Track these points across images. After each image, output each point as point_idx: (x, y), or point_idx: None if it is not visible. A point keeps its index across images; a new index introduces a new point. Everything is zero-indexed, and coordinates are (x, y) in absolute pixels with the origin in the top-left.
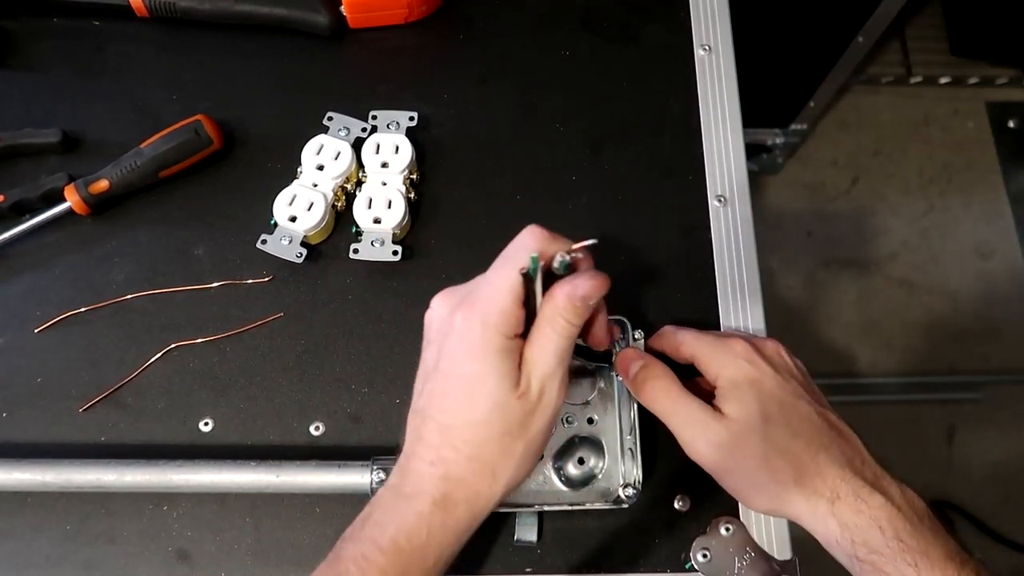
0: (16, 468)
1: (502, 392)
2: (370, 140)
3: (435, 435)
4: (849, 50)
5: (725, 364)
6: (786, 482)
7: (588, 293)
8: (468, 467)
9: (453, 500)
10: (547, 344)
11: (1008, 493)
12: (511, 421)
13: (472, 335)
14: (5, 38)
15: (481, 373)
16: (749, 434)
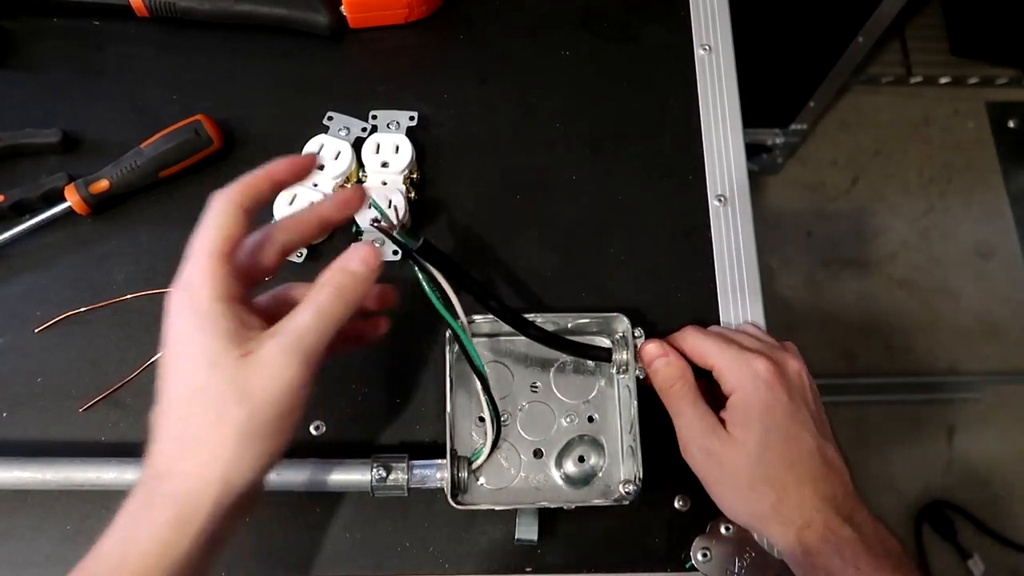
0: (16, 467)
1: (214, 350)
2: (370, 140)
3: (155, 428)
4: (849, 50)
5: (743, 383)
6: (765, 507)
7: (365, 261)
8: (175, 450)
9: (154, 500)
10: (302, 311)
11: (1008, 493)
12: (227, 385)
13: (180, 303)
14: (5, 38)
15: (187, 337)
16: (745, 457)
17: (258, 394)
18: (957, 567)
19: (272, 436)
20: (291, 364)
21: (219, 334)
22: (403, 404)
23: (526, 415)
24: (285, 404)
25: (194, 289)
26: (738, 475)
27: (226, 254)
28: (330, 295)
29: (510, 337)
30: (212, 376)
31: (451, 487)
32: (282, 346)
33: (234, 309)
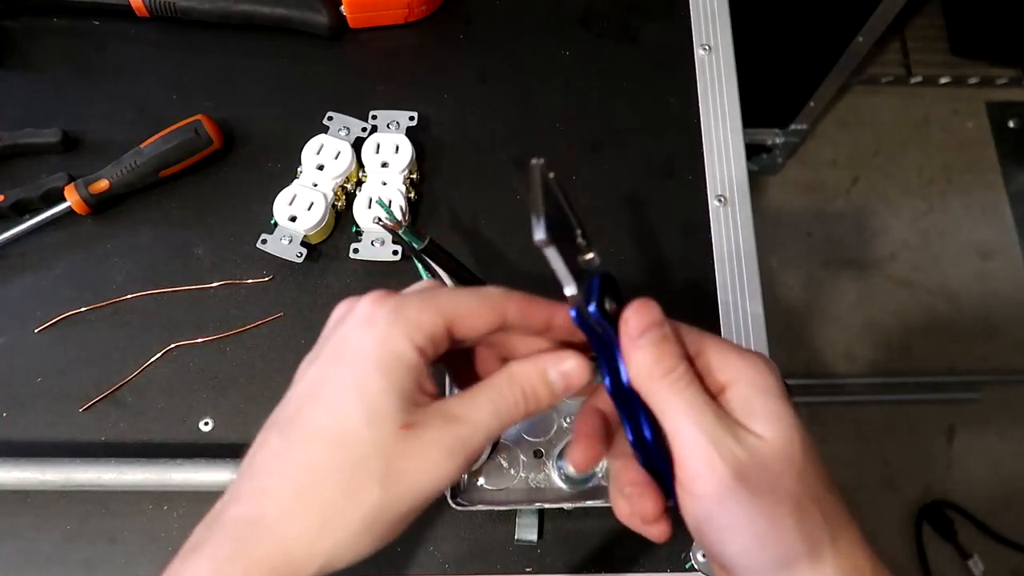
0: (16, 467)
1: (385, 406)
2: (370, 140)
3: (269, 456)
4: (849, 50)
5: (746, 369)
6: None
7: (567, 379)
8: (289, 505)
9: (249, 556)
10: (483, 402)
11: (1008, 493)
12: (376, 454)
13: (373, 324)
14: (5, 38)
15: (368, 368)
16: (788, 464)
17: (403, 483)
18: (957, 567)
19: (393, 531)
20: (451, 461)
21: (395, 390)
22: None
23: None
24: (422, 502)
25: (403, 321)
26: (782, 492)
27: (454, 324)
28: (519, 396)
29: None
30: (364, 435)
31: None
32: (449, 439)
33: (423, 369)
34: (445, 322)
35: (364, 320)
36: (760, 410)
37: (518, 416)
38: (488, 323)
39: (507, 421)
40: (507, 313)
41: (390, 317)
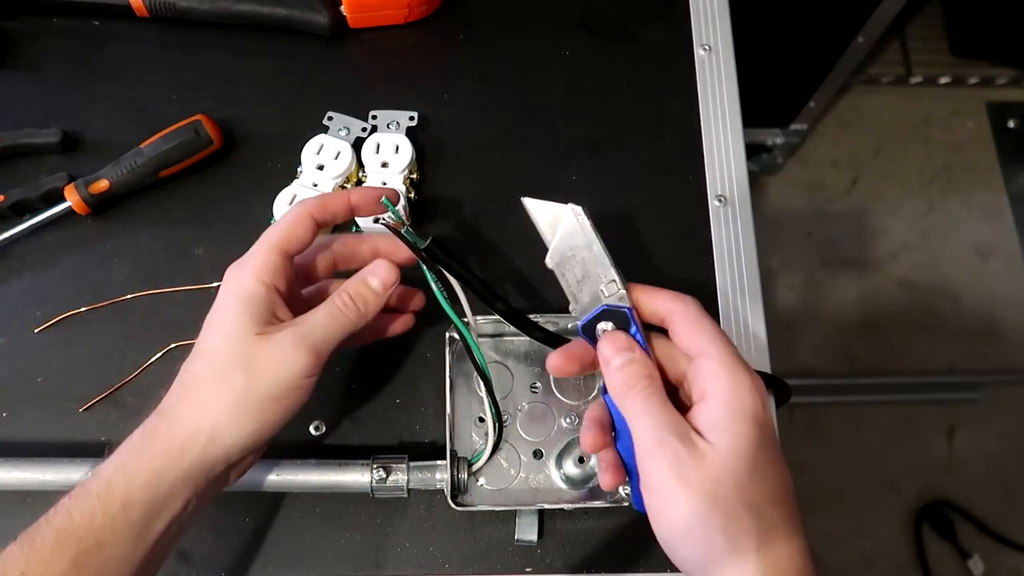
0: (16, 468)
1: (240, 324)
2: (370, 140)
3: (177, 375)
4: (849, 50)
5: (733, 387)
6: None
7: (382, 280)
8: (180, 395)
9: (153, 432)
10: (320, 310)
11: (1008, 493)
12: (238, 354)
13: (229, 279)
14: (5, 38)
15: (224, 307)
16: (727, 471)
17: (261, 369)
18: (957, 567)
19: (262, 412)
20: (297, 351)
21: (249, 312)
22: (403, 405)
23: (526, 416)
24: (282, 385)
25: (245, 269)
26: (712, 494)
27: (284, 250)
28: (346, 302)
29: (511, 337)
30: (229, 345)
31: (451, 488)
32: (294, 334)
33: (271, 297)
34: (276, 250)
35: (225, 279)
36: (721, 424)
37: (352, 316)
38: (305, 229)
39: (342, 320)
40: (312, 213)
41: (238, 270)
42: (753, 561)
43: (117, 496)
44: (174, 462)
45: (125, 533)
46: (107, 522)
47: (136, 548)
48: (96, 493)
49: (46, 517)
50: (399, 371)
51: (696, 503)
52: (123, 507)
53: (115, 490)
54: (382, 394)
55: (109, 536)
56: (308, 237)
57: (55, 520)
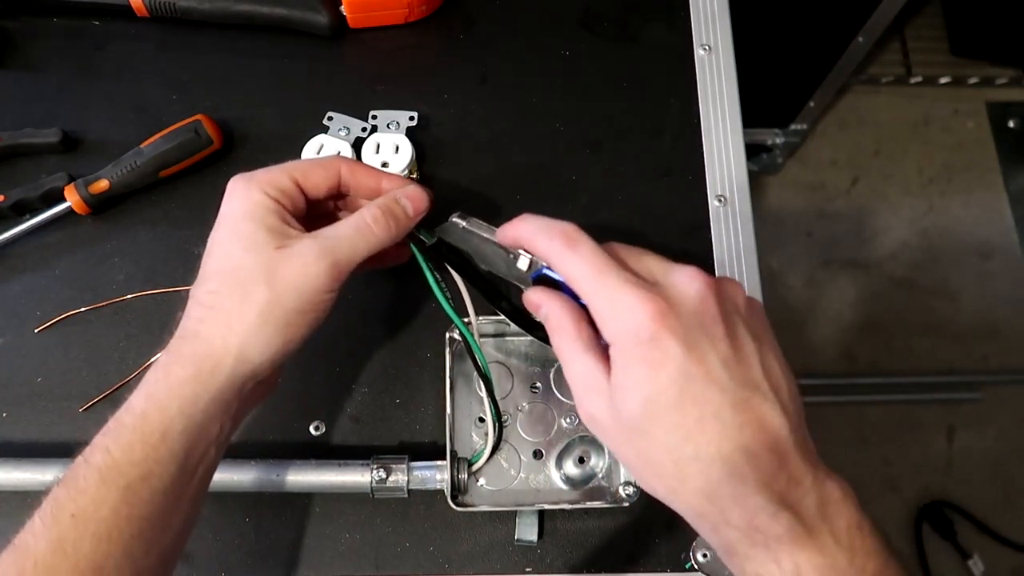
0: (16, 468)
1: (255, 236)
2: (370, 140)
3: (189, 298)
4: (849, 50)
5: (618, 333)
6: (664, 493)
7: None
8: (202, 317)
9: (179, 357)
10: (344, 224)
11: (1008, 493)
12: (259, 266)
13: (235, 191)
14: (5, 38)
15: (238, 220)
16: (626, 430)
17: (283, 283)
18: (957, 567)
19: (288, 326)
20: (319, 264)
21: (263, 225)
22: (403, 405)
23: (526, 416)
24: (305, 299)
25: (255, 182)
26: (625, 448)
27: (299, 180)
28: (375, 217)
29: (512, 337)
30: (247, 258)
31: (451, 489)
32: (316, 247)
33: (283, 211)
34: (291, 178)
35: (230, 192)
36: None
37: (379, 232)
38: (326, 178)
39: (368, 236)
40: (340, 172)
41: (245, 182)
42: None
43: (154, 427)
44: (205, 385)
45: (168, 462)
46: (149, 452)
47: (181, 476)
48: (132, 426)
49: (83, 457)
50: (399, 371)
51: (615, 448)
52: (162, 437)
53: (151, 421)
54: (382, 394)
55: (153, 467)
56: (324, 187)
57: (94, 458)
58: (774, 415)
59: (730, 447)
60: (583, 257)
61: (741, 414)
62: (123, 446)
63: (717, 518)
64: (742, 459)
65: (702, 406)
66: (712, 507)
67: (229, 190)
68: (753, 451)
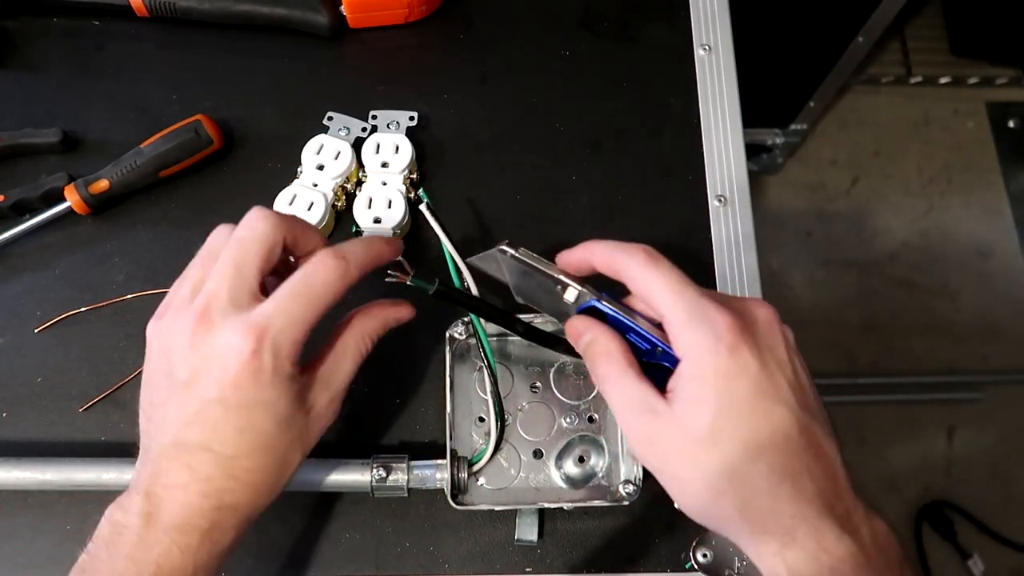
0: (16, 468)
1: (289, 412)
2: (370, 140)
3: (213, 468)
4: (849, 50)
5: (695, 344)
6: (729, 512)
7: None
8: (246, 493)
9: (223, 528)
10: (345, 363)
11: (1008, 493)
12: (295, 436)
13: (259, 363)
14: (5, 38)
15: (269, 401)
16: (691, 444)
17: (312, 437)
18: (957, 567)
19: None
20: (337, 407)
21: (292, 398)
22: (403, 404)
23: (526, 415)
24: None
25: (281, 352)
26: (686, 468)
27: (314, 322)
28: (368, 345)
29: (512, 337)
30: (284, 435)
31: (451, 488)
32: (330, 398)
33: (297, 367)
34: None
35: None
36: (686, 390)
37: (363, 350)
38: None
39: (356, 368)
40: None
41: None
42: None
43: None
44: (233, 548)
45: None
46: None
47: None
48: None
49: None
50: (399, 371)
51: (670, 470)
52: None
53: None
54: (382, 394)
55: None
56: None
57: None
58: (831, 445)
59: (799, 467)
60: (665, 272)
61: (804, 437)
62: None
63: (785, 538)
64: (808, 480)
65: (774, 423)
66: (778, 526)
67: (238, 352)
68: (816, 475)
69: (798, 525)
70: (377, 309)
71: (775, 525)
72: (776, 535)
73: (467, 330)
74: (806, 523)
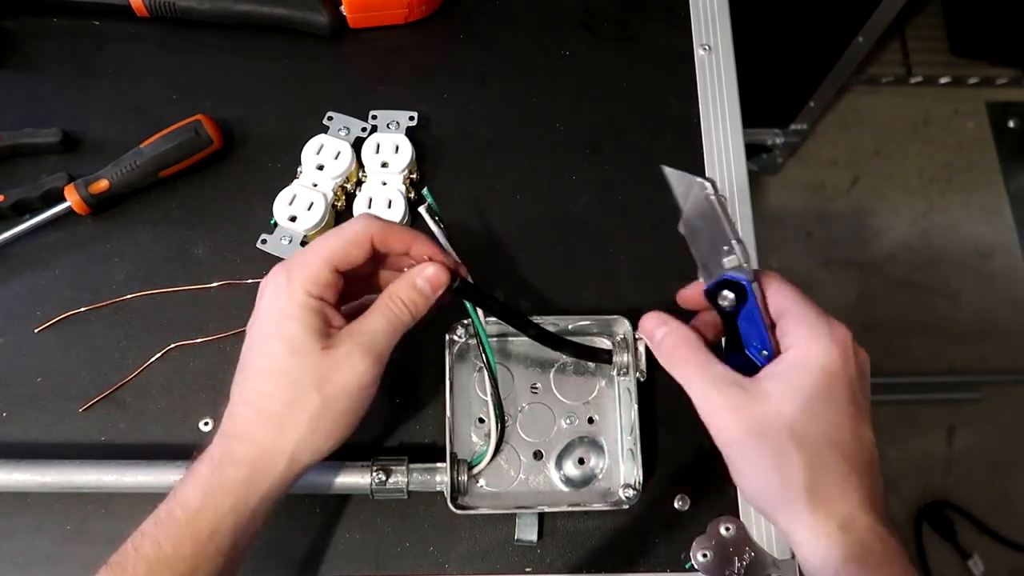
0: (16, 468)
1: (302, 340)
2: (370, 140)
3: (234, 394)
4: (849, 50)
5: (811, 341)
6: (795, 482)
7: (431, 283)
8: (253, 419)
9: (232, 458)
10: (375, 316)
11: (1008, 493)
12: (308, 370)
13: (278, 288)
14: (5, 38)
15: (282, 319)
16: (776, 414)
17: (333, 387)
18: (957, 567)
19: (339, 426)
20: (365, 361)
21: (307, 326)
22: (403, 406)
23: (526, 416)
24: (355, 397)
25: (295, 280)
26: (766, 432)
27: (337, 265)
28: (400, 306)
29: (512, 338)
30: (295, 361)
31: (451, 491)
32: (359, 345)
33: (323, 308)
34: (330, 268)
35: (271, 287)
36: (781, 374)
37: (407, 318)
38: (360, 252)
39: (399, 324)
40: (373, 240)
41: (286, 279)
42: (801, 497)
43: (206, 523)
44: (257, 487)
45: (215, 557)
46: (198, 549)
47: (226, 568)
48: (184, 521)
49: (133, 545)
50: (399, 371)
51: (750, 442)
52: (212, 533)
53: (203, 517)
54: (382, 395)
55: (201, 562)
56: (361, 260)
57: (144, 549)
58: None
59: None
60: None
61: (870, 451)
62: (173, 540)
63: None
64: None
65: (855, 427)
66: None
67: (270, 285)
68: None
69: (858, 515)
70: (407, 273)
71: (839, 508)
72: (838, 518)
73: (467, 332)
74: (865, 515)
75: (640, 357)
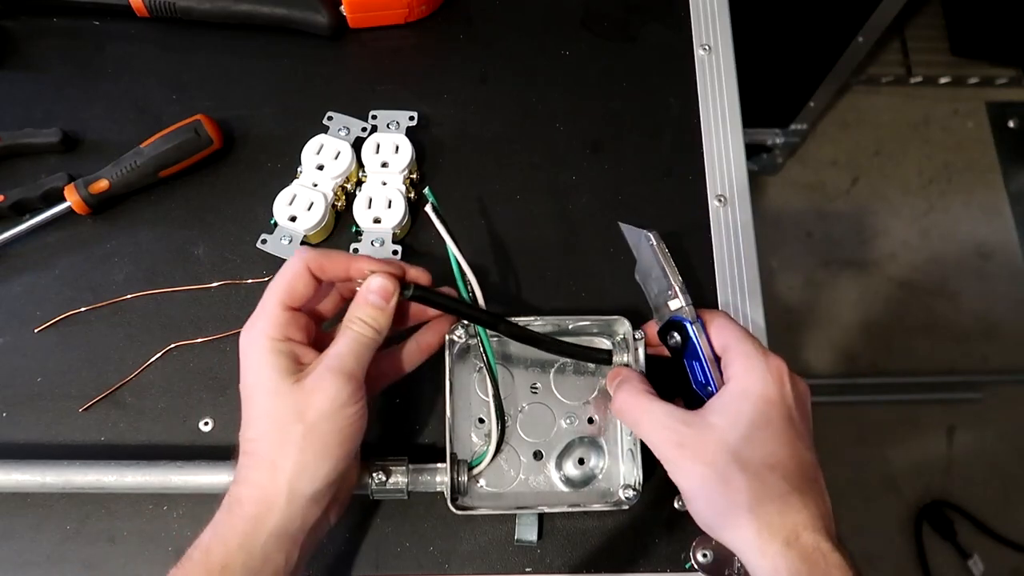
0: (16, 468)
1: (274, 380)
2: (370, 140)
3: (239, 444)
4: (849, 50)
5: (749, 372)
6: (740, 504)
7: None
8: (252, 465)
9: (239, 499)
10: (339, 340)
11: (1008, 493)
12: (287, 407)
13: (250, 342)
14: (5, 38)
15: (254, 370)
16: (719, 444)
17: (312, 412)
18: (957, 567)
19: (329, 447)
20: (336, 383)
21: (276, 367)
22: (403, 407)
23: (526, 416)
24: (337, 417)
25: (257, 330)
26: (710, 463)
27: (288, 305)
28: (359, 323)
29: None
30: (276, 402)
31: (451, 491)
32: (328, 369)
33: (289, 347)
34: (280, 304)
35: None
36: (724, 406)
37: (370, 333)
38: (303, 284)
39: (365, 340)
40: (311, 269)
41: (249, 334)
42: (746, 517)
43: (216, 560)
44: (262, 522)
45: None
46: None
47: None
48: (197, 559)
49: None
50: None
51: (697, 470)
52: (222, 569)
53: (213, 555)
54: (382, 395)
55: None
56: (309, 291)
57: None
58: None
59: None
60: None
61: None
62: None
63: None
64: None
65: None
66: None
67: (243, 341)
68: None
69: (801, 532)
70: (359, 291)
71: (781, 526)
72: (781, 535)
73: (467, 332)
74: (808, 531)
75: (640, 357)
